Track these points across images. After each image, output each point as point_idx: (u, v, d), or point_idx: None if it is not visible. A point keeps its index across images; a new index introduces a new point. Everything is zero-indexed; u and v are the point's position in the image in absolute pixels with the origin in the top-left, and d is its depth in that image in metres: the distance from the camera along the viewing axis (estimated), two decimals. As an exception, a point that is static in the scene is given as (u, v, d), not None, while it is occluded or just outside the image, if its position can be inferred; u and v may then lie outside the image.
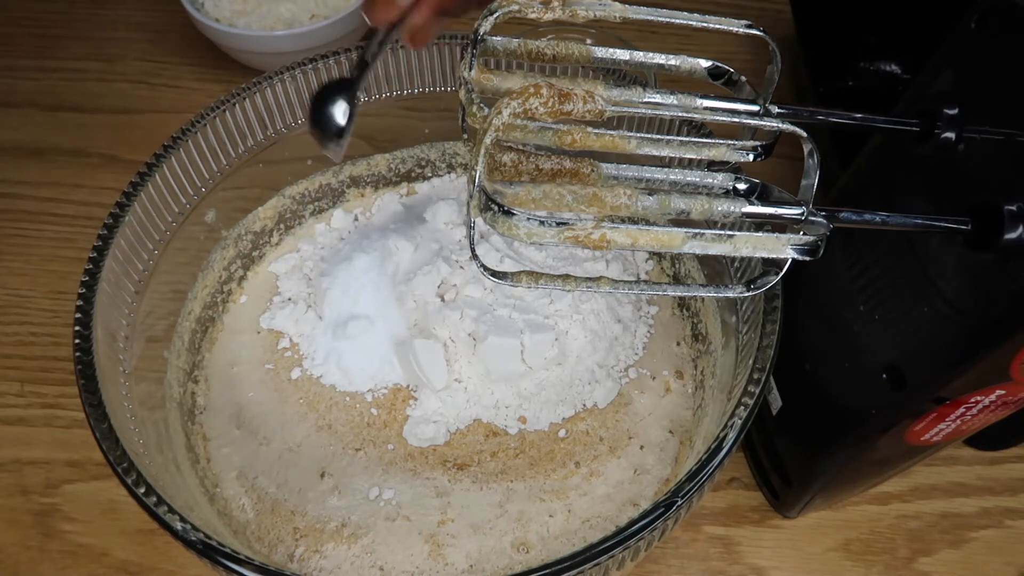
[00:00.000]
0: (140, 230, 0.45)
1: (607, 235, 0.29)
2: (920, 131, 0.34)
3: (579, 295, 0.50)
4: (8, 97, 0.73)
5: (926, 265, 0.35)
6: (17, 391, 0.56)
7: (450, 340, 0.49)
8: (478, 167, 0.27)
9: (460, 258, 0.51)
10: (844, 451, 0.42)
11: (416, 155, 0.59)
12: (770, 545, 0.51)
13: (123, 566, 0.49)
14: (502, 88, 0.33)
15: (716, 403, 0.45)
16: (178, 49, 0.77)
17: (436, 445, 0.48)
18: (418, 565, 0.44)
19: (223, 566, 0.33)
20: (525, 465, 0.47)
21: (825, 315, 0.43)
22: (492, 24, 0.32)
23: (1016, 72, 0.32)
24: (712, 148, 0.32)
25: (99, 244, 0.42)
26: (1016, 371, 0.33)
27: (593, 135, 0.29)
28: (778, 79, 0.35)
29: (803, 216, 0.31)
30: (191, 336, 0.51)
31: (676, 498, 0.34)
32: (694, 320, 0.52)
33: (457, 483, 0.47)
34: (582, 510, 0.46)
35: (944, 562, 0.50)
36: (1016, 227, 0.30)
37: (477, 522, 0.45)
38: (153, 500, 0.34)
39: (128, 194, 0.44)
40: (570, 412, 0.49)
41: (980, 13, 0.33)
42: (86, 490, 0.52)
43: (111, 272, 0.42)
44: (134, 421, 0.40)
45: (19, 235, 0.64)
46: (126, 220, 0.44)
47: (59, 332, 0.59)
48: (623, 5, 0.33)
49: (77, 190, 0.67)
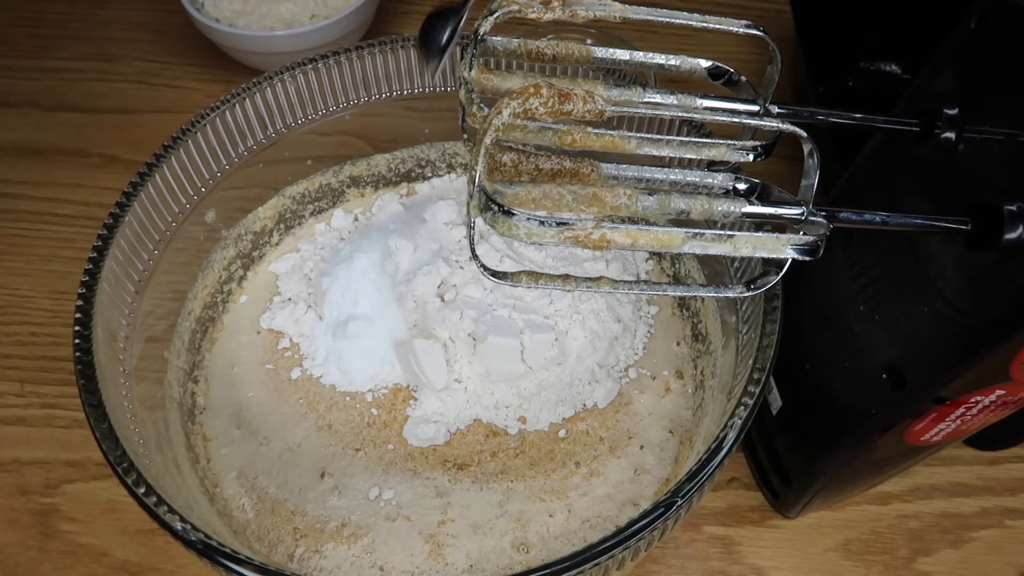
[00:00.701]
0: (140, 230, 0.45)
1: (607, 235, 0.29)
2: (920, 131, 0.34)
3: (579, 295, 0.50)
4: (8, 97, 0.73)
5: (926, 265, 0.35)
6: (17, 391, 0.56)
7: (450, 340, 0.49)
8: (478, 167, 0.27)
9: (460, 258, 0.51)
10: (844, 451, 0.42)
11: (416, 155, 0.59)
12: (770, 545, 0.51)
13: (123, 566, 0.49)
14: (502, 88, 0.33)
15: (716, 403, 0.45)
16: (178, 49, 0.77)
17: (436, 445, 0.48)
18: (418, 565, 0.44)
19: (223, 566, 0.33)
20: (525, 465, 0.47)
21: (825, 315, 0.43)
22: (492, 24, 0.32)
23: (1016, 72, 0.32)
24: (712, 148, 0.32)
25: (99, 244, 0.42)
26: (1016, 371, 0.33)
27: (593, 135, 0.29)
28: (778, 79, 0.35)
29: (803, 216, 0.31)
30: (191, 336, 0.51)
31: (676, 498, 0.34)
32: (694, 320, 0.52)
33: (457, 483, 0.47)
34: (582, 510, 0.46)
35: (944, 562, 0.50)
36: (1016, 227, 0.30)
37: (477, 522, 0.45)
38: (153, 500, 0.34)
39: (128, 194, 0.44)
40: (570, 412, 0.49)
41: (980, 13, 0.33)
42: (86, 490, 0.52)
43: (111, 272, 0.42)
44: (134, 421, 0.40)
45: (19, 235, 0.64)
46: (126, 220, 0.44)
47: (59, 332, 0.59)
48: (623, 5, 0.33)
49: (77, 190, 0.67)
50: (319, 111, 0.53)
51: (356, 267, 0.52)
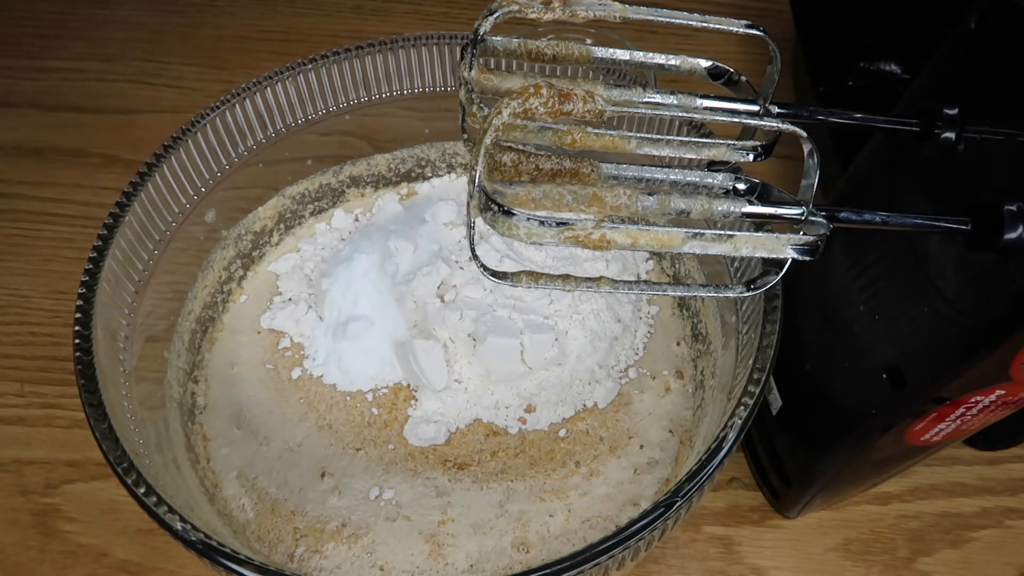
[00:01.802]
0: (140, 230, 0.45)
1: (607, 235, 0.29)
2: (920, 131, 0.34)
3: (579, 295, 0.50)
4: (8, 97, 0.73)
5: (926, 265, 0.35)
6: (17, 391, 0.56)
7: (450, 341, 0.49)
8: (478, 167, 0.27)
9: (460, 259, 0.51)
10: (844, 451, 0.42)
11: (416, 155, 0.59)
12: (770, 545, 0.51)
13: (123, 566, 0.49)
14: (502, 88, 0.33)
15: (716, 403, 0.45)
16: (178, 49, 0.77)
17: (436, 445, 0.48)
18: (418, 565, 0.44)
19: (223, 566, 0.33)
20: (525, 465, 0.47)
21: (825, 315, 0.43)
22: (492, 24, 0.32)
23: (1016, 72, 0.32)
24: (712, 148, 0.32)
25: (99, 244, 0.42)
26: (1016, 371, 0.33)
27: (593, 135, 0.29)
28: (778, 79, 0.35)
29: (803, 216, 0.31)
30: (191, 336, 0.51)
31: (676, 498, 0.34)
32: (694, 320, 0.52)
33: (457, 483, 0.47)
34: (582, 510, 0.46)
35: (944, 562, 0.50)
36: (1016, 227, 0.30)
37: (477, 522, 0.45)
38: (153, 500, 0.34)
39: (128, 194, 0.44)
40: (570, 412, 0.49)
41: (980, 13, 0.33)
42: (86, 490, 0.52)
43: (111, 272, 0.42)
44: (134, 421, 0.40)
45: (19, 235, 0.64)
46: (126, 220, 0.44)
47: (59, 332, 0.59)
48: (623, 5, 0.33)
49: (77, 190, 0.67)
50: (319, 111, 0.53)
51: (356, 268, 0.52)
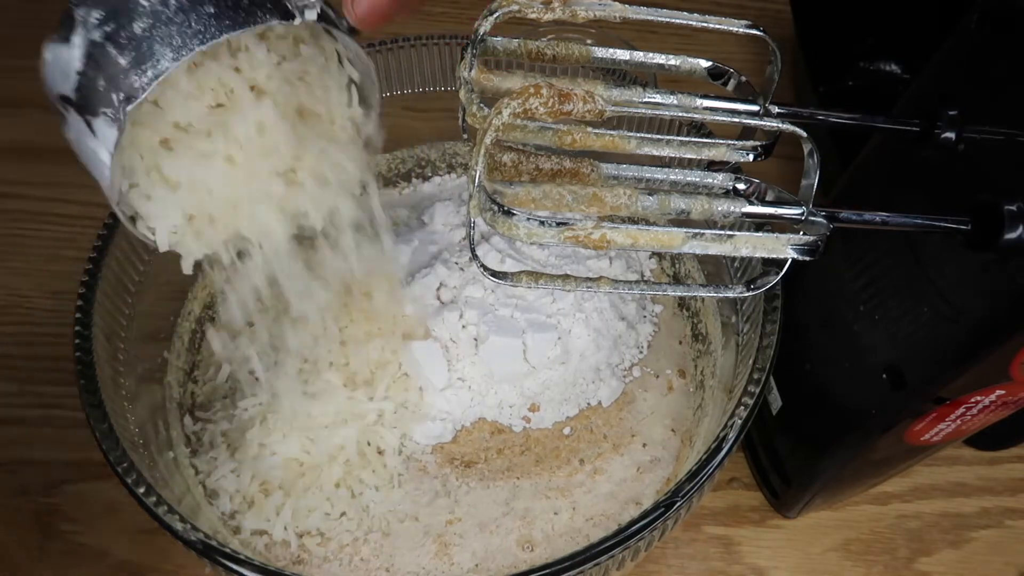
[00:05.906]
0: (140, 230, 0.45)
1: (607, 235, 0.29)
2: (920, 131, 0.34)
3: (582, 293, 0.50)
4: (8, 97, 0.73)
5: (926, 265, 0.35)
6: (17, 391, 0.56)
7: (451, 341, 0.49)
8: (478, 167, 0.27)
9: (459, 260, 0.51)
10: (844, 451, 0.42)
11: (416, 155, 0.59)
12: (770, 545, 0.51)
13: (123, 566, 0.49)
14: (502, 88, 0.33)
15: (716, 403, 0.45)
16: (178, 49, 0.77)
17: (443, 443, 0.48)
18: (424, 565, 0.44)
19: (223, 566, 0.33)
20: (531, 462, 0.47)
21: (825, 315, 0.43)
22: (492, 24, 0.32)
23: (1016, 72, 0.32)
24: (712, 148, 0.32)
25: (99, 244, 0.42)
26: (1016, 371, 0.33)
27: (593, 135, 0.29)
28: (778, 79, 0.35)
29: (803, 216, 0.31)
30: (191, 336, 0.51)
31: (676, 498, 0.34)
32: (694, 320, 0.52)
33: (464, 481, 0.47)
34: (586, 508, 0.46)
35: (944, 562, 0.50)
36: (1016, 227, 0.30)
37: (484, 520, 0.45)
38: (153, 500, 0.34)
39: (128, 194, 0.44)
40: (574, 411, 0.49)
41: (980, 13, 0.33)
42: (86, 490, 0.51)
43: (111, 272, 0.42)
44: (134, 421, 0.40)
45: (19, 235, 0.64)
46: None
47: (59, 332, 0.59)
48: (623, 5, 0.33)
49: (77, 190, 0.67)
50: (319, 111, 0.53)
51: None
